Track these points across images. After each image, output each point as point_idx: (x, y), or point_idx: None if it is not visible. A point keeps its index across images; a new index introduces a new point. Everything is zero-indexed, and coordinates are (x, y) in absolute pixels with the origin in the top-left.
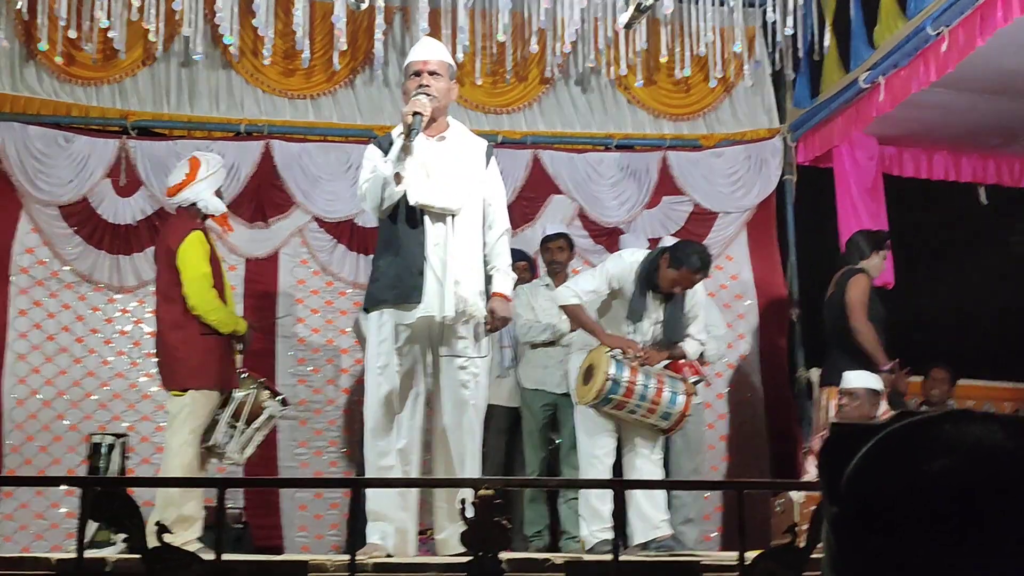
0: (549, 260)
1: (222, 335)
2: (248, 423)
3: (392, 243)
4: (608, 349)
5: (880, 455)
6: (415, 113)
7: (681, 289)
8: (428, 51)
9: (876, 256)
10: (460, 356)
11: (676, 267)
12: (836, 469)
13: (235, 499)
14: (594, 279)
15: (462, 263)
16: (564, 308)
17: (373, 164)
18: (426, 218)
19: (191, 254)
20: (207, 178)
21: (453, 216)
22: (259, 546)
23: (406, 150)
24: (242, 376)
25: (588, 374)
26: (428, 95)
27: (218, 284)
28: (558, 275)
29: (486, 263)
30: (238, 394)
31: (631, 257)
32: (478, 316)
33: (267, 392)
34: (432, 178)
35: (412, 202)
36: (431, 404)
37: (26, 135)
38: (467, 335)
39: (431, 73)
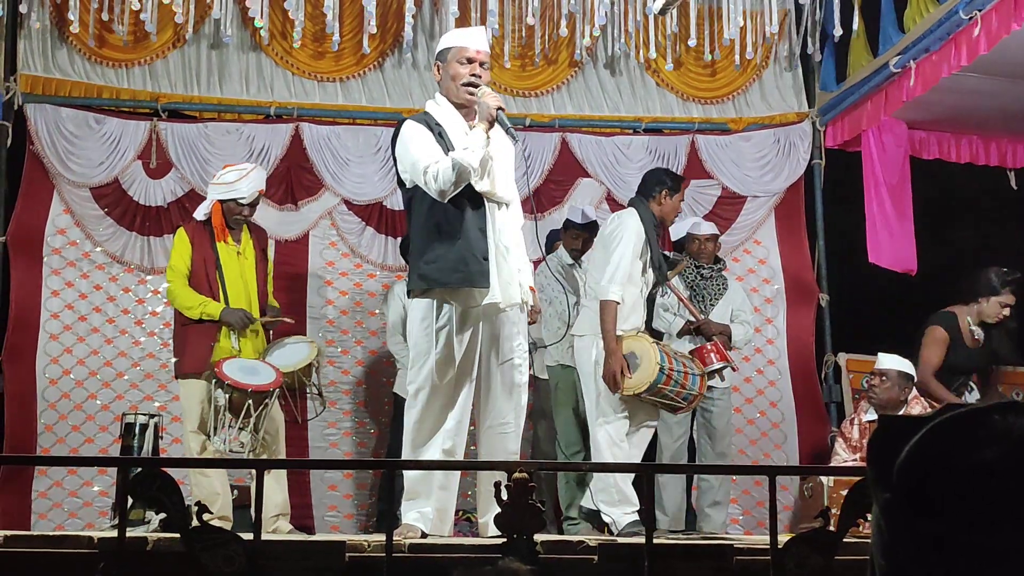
0: (576, 247)
1: (203, 322)
2: (235, 415)
3: (450, 227)
4: (650, 339)
5: (931, 445)
6: (499, 108)
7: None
8: (483, 40)
9: (983, 301)
10: (515, 340)
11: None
12: (887, 458)
13: None
14: (627, 259)
15: (517, 253)
16: (606, 304)
17: (435, 147)
18: (487, 205)
19: (172, 249)
20: (216, 184)
21: (507, 205)
22: (291, 526)
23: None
24: None
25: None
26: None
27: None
28: (575, 259)
29: None
30: (215, 390)
31: (629, 218)
32: (531, 304)
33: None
34: (493, 167)
35: (478, 189)
36: (481, 387)
37: (58, 117)
38: (519, 321)
39: (482, 64)
